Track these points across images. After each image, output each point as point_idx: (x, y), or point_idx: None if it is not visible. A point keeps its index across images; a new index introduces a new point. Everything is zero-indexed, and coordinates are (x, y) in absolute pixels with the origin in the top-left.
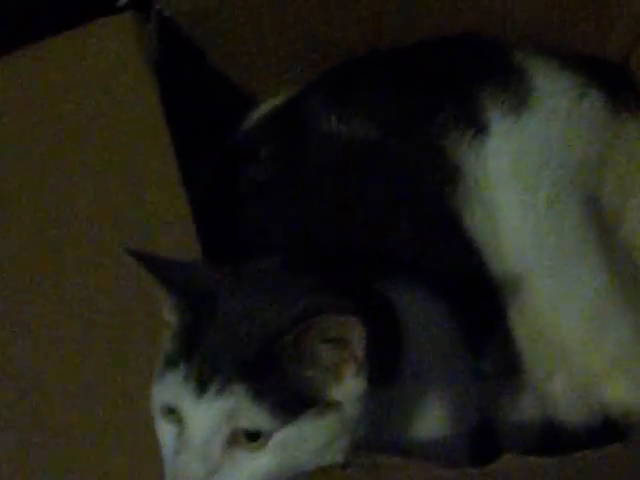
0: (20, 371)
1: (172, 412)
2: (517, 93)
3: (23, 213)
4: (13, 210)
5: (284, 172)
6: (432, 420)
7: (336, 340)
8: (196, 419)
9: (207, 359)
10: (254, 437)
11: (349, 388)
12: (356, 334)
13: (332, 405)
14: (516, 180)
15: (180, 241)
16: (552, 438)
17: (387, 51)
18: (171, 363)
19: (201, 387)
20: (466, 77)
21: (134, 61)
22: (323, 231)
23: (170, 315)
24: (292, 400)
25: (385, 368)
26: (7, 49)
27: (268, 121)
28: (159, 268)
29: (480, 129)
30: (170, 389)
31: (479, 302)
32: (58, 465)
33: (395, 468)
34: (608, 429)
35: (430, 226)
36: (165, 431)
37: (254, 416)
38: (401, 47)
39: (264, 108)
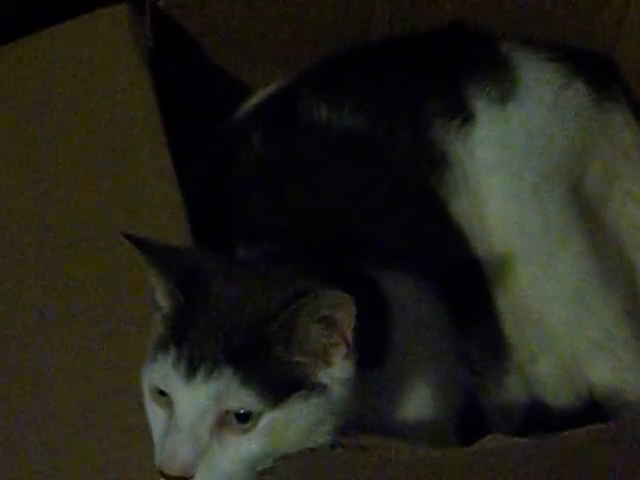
0: (13, 355)
1: (162, 395)
2: (503, 83)
3: (18, 200)
4: (8, 196)
5: (276, 160)
6: (419, 402)
7: (326, 320)
8: (185, 402)
9: (197, 343)
10: (243, 420)
11: (337, 372)
12: (346, 312)
13: (320, 388)
14: (501, 168)
15: (171, 228)
16: (538, 419)
17: (376, 42)
18: (162, 347)
19: (190, 371)
20: (454, 68)
21: (129, 52)
22: (313, 218)
23: (162, 299)
24: (280, 383)
25: (372, 352)
26: (3, 40)
27: (260, 109)
28: (154, 252)
29: (467, 118)
30: (160, 372)
31: (466, 286)
32: (50, 447)
33: (382, 449)
34: (593, 411)
35: (419, 213)
36: (155, 414)
37: (242, 399)
38: (390, 39)
39: (257, 97)
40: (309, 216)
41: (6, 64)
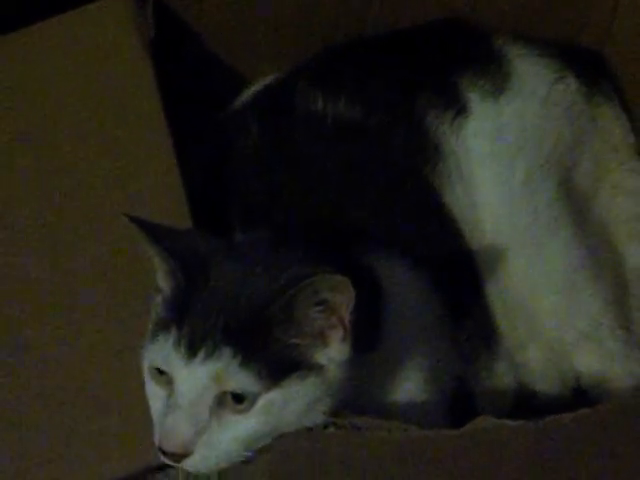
0: (17, 331)
1: (162, 374)
2: (496, 77)
3: (22, 186)
4: (11, 183)
5: (273, 150)
6: (411, 386)
7: (325, 303)
8: (185, 382)
9: (198, 324)
10: (241, 399)
11: (334, 353)
12: (345, 296)
13: (317, 368)
14: (493, 159)
15: (172, 213)
16: (526, 406)
17: (372, 36)
18: (163, 327)
19: (191, 351)
20: (448, 61)
21: (131, 41)
22: (310, 207)
23: (163, 281)
24: (278, 364)
25: (367, 337)
26: (7, 29)
27: (258, 100)
28: (156, 234)
29: (460, 111)
30: (161, 352)
31: (458, 275)
32: (52, 426)
33: (374, 429)
34: (579, 398)
35: (413, 203)
36: (154, 393)
37: (241, 380)
38: (386, 32)
39: (255, 88)
40: (305, 205)
41: (11, 53)
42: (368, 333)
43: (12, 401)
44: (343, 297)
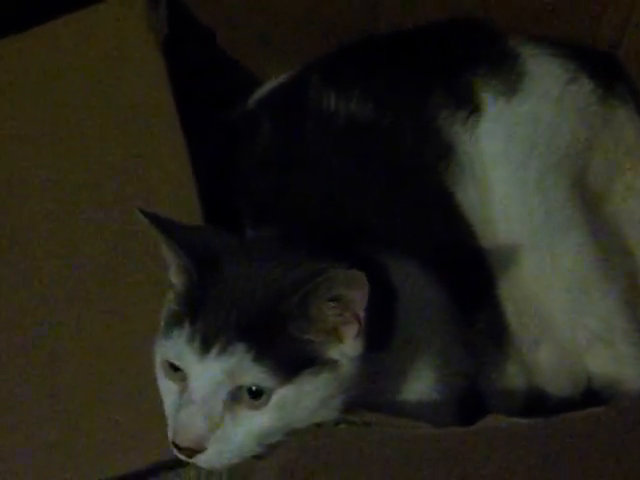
0: (28, 324)
1: (175, 370)
2: (510, 76)
3: (35, 184)
4: (25, 181)
5: (284, 147)
6: (421, 385)
7: (340, 299)
8: (199, 377)
9: (211, 320)
10: (256, 395)
11: (348, 349)
12: (360, 291)
13: (330, 364)
14: (507, 159)
15: (183, 209)
16: (536, 406)
17: (385, 34)
18: (176, 323)
19: (205, 346)
20: (461, 60)
21: (143, 40)
22: (321, 204)
23: (176, 276)
24: (292, 360)
25: (380, 335)
26: (19, 28)
27: (271, 97)
28: (168, 229)
29: (474, 110)
30: (174, 348)
31: (470, 274)
32: (63, 420)
33: (385, 426)
34: (590, 399)
35: (424, 201)
36: (167, 388)
37: (254, 375)
38: (398, 31)
39: (267, 86)
40: (316, 202)
41: (20, 51)
42: (380, 331)
43: (22, 396)
44: (358, 293)
